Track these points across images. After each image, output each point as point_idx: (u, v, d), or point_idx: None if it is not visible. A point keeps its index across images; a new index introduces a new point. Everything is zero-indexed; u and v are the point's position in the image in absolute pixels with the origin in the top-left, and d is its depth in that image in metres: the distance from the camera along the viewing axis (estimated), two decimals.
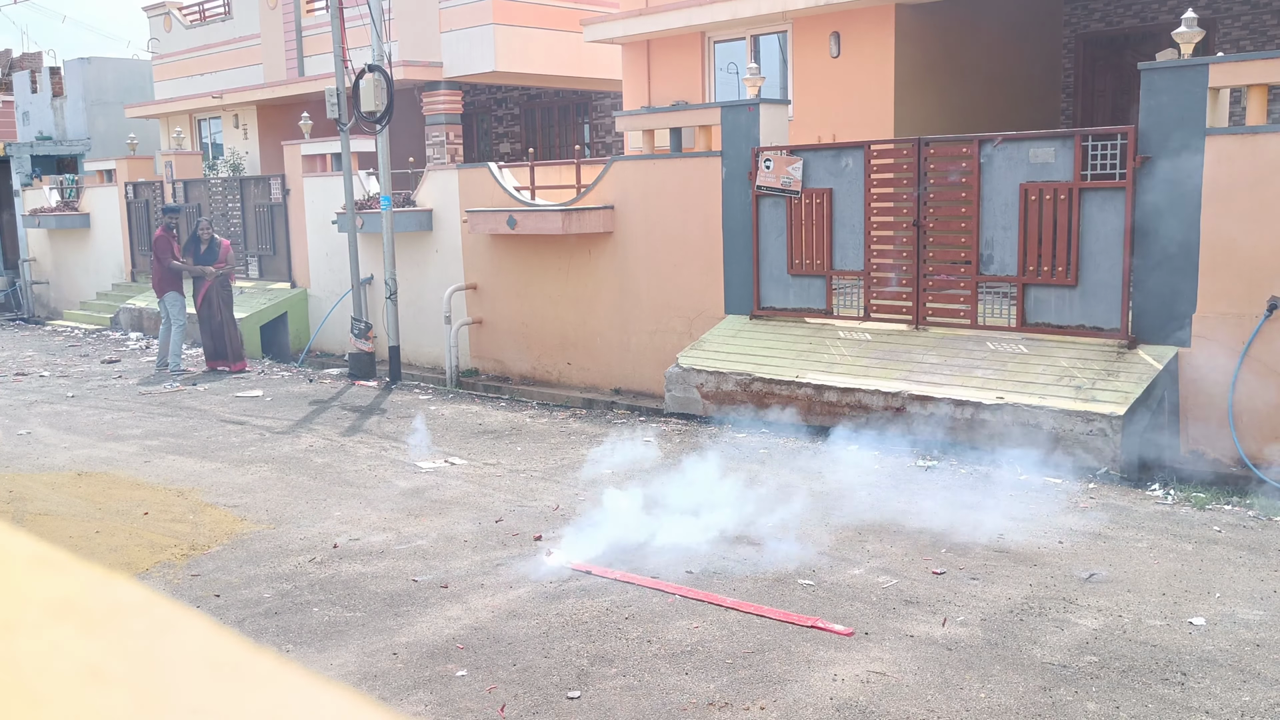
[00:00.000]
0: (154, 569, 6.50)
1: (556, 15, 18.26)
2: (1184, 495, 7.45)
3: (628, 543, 6.53)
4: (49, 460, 9.28)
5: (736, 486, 7.56)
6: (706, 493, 7.47)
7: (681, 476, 8.11)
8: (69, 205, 22.17)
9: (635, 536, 6.61)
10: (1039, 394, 8.45)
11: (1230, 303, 8.37)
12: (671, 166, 11.95)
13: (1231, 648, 4.99)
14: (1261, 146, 8.23)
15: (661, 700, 4.61)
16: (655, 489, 7.76)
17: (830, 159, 10.55)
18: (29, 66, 31.23)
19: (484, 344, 14.34)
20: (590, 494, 7.85)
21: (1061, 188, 9.04)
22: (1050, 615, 5.41)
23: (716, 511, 7.08)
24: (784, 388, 9.83)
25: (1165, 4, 14.51)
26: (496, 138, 22.14)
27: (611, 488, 7.96)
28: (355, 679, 4.93)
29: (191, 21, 23.83)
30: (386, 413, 11.31)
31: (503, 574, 6.23)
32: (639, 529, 6.73)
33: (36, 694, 0.50)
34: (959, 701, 4.52)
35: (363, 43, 15.18)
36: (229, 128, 22.74)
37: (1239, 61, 8.64)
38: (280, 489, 8.27)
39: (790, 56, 14.11)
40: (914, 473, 8.20)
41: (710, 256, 11.61)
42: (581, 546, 6.56)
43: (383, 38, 12.95)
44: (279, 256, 17.59)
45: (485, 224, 13.43)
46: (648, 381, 12.25)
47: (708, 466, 8.19)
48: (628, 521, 6.82)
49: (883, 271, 10.26)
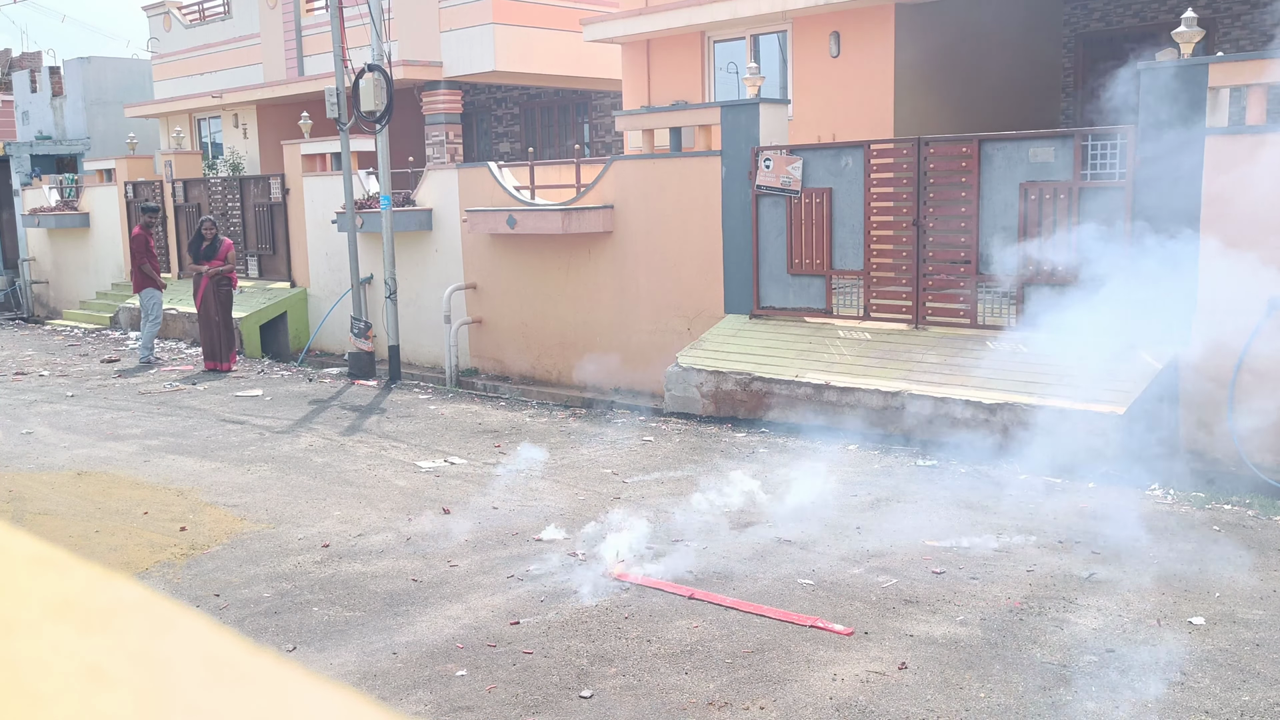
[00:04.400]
0: (154, 568, 6.50)
1: (556, 15, 18.26)
2: (1184, 495, 7.45)
3: (627, 543, 6.52)
4: (48, 460, 9.28)
5: (737, 486, 7.56)
6: (706, 492, 7.47)
7: (682, 476, 8.11)
8: (68, 205, 22.17)
9: (636, 536, 6.60)
10: (1039, 393, 8.44)
11: (1230, 302, 8.37)
12: (671, 166, 11.95)
13: (1231, 647, 4.99)
14: (1261, 146, 8.22)
15: (661, 700, 4.61)
16: (655, 488, 7.76)
17: (830, 158, 10.55)
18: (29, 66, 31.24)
19: (483, 343, 14.34)
20: (590, 494, 7.84)
21: (1061, 187, 9.04)
22: (1050, 615, 5.41)
23: (717, 511, 7.07)
24: (784, 387, 9.83)
25: (1165, 4, 14.51)
26: (496, 137, 22.14)
27: (611, 488, 7.96)
28: (355, 679, 4.93)
29: (191, 21, 23.82)
30: (386, 412, 11.31)
31: (502, 573, 6.23)
32: (639, 528, 6.72)
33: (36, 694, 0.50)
34: (959, 701, 4.52)
35: (362, 42, 15.17)
36: (229, 127, 22.74)
37: (1239, 61, 8.63)
38: (280, 488, 8.27)
39: (790, 56, 14.11)
40: (914, 472, 8.19)
41: (710, 256, 11.61)
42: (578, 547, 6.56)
43: (382, 37, 12.95)
44: (278, 256, 17.59)
45: (485, 223, 13.42)
46: (648, 381, 12.25)
47: (707, 466, 8.19)
48: (627, 521, 6.82)
49: (882, 271, 10.26)
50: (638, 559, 6.31)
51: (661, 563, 6.24)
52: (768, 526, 6.86)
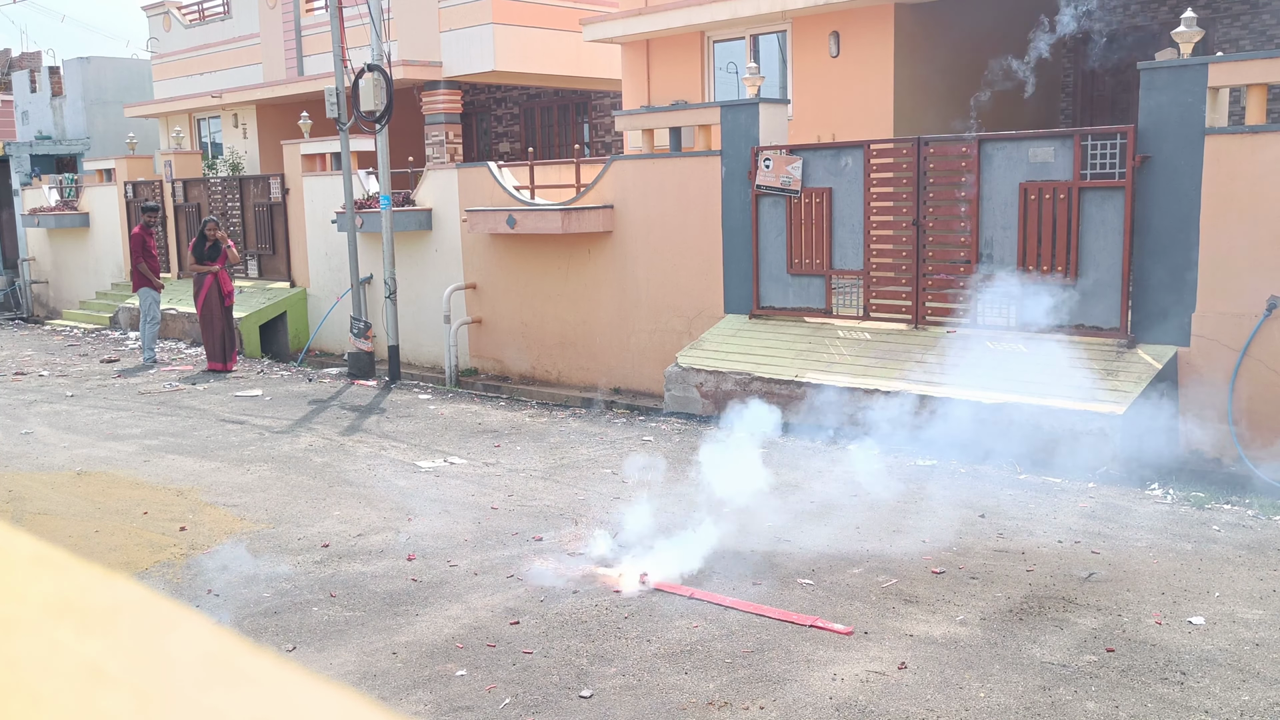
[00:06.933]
0: (153, 568, 6.50)
1: (556, 15, 18.25)
2: (1184, 495, 7.45)
3: (628, 542, 6.52)
4: (48, 459, 9.27)
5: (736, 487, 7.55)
6: (705, 493, 7.46)
7: (681, 476, 8.11)
8: (68, 205, 22.16)
9: (636, 536, 6.60)
10: (1039, 393, 8.44)
11: (1230, 302, 8.37)
12: (671, 166, 11.94)
13: (1231, 647, 4.99)
14: (1261, 146, 8.22)
15: (661, 700, 4.61)
16: (655, 489, 7.76)
17: (830, 158, 10.55)
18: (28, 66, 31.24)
19: (483, 343, 14.34)
20: (590, 494, 7.84)
21: (1061, 187, 9.04)
22: (1050, 615, 5.41)
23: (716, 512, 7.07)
24: (783, 387, 9.83)
25: (1165, 4, 14.51)
26: (496, 137, 22.14)
27: (611, 488, 7.96)
28: (355, 678, 4.93)
29: (191, 21, 23.82)
30: (386, 412, 11.31)
31: (502, 573, 6.23)
32: (639, 528, 6.72)
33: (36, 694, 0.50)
34: (959, 701, 4.52)
35: (362, 42, 15.17)
36: (228, 127, 22.74)
37: (1239, 61, 8.63)
38: (280, 488, 8.26)
39: (790, 56, 14.11)
40: (914, 471, 8.19)
41: (710, 256, 11.60)
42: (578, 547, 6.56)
43: (382, 37, 12.95)
44: (278, 256, 17.59)
45: (485, 223, 13.42)
46: (647, 381, 12.25)
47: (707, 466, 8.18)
48: (627, 521, 6.82)
49: (882, 271, 10.26)
50: (638, 559, 6.30)
51: (661, 563, 6.23)
52: (768, 526, 6.85)
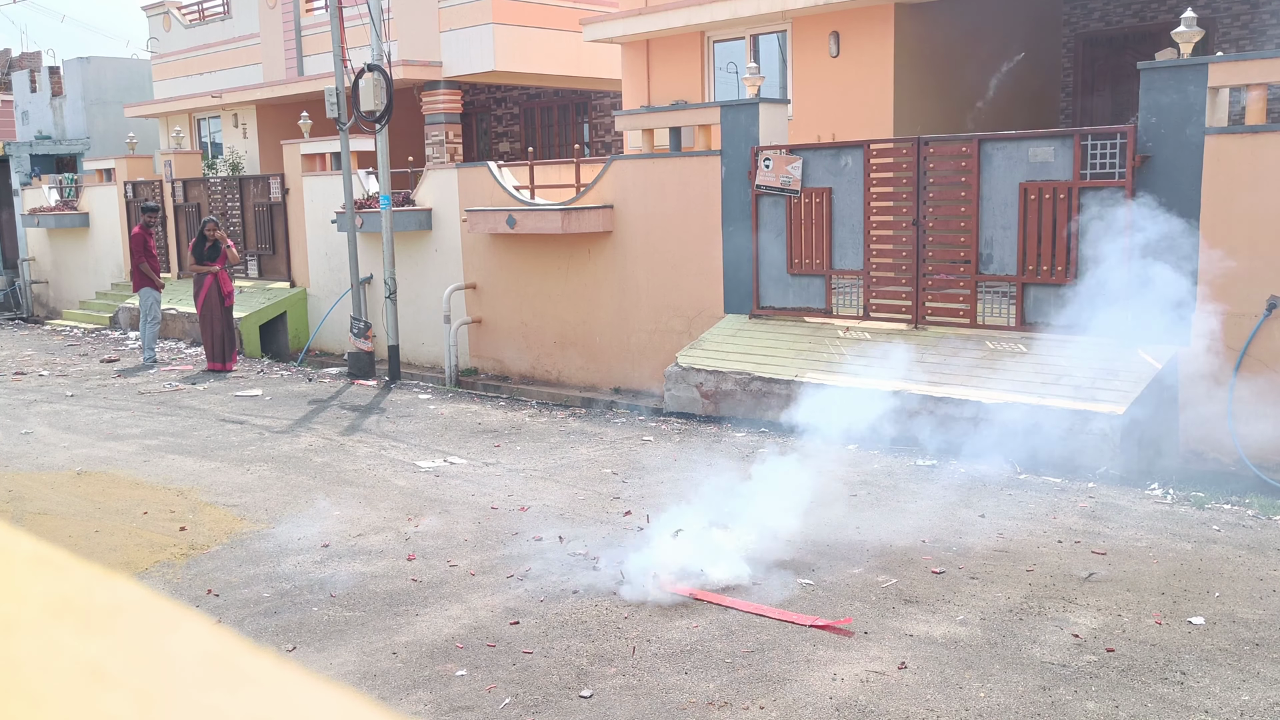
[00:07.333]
0: (153, 568, 6.50)
1: (556, 15, 18.25)
2: (1183, 495, 7.45)
3: (628, 542, 6.52)
4: (48, 459, 9.27)
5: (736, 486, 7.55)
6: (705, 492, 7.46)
7: (681, 476, 8.11)
8: (68, 204, 22.16)
9: (635, 536, 6.60)
10: (1038, 393, 8.44)
11: (1230, 302, 8.37)
12: (671, 166, 11.94)
13: (1231, 647, 4.99)
14: (1261, 146, 8.22)
15: (661, 700, 4.61)
16: (655, 489, 7.75)
17: (829, 158, 10.55)
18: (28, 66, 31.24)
19: (483, 343, 14.33)
20: (590, 493, 7.84)
21: (1061, 187, 9.04)
22: (1050, 615, 5.41)
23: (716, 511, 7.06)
24: (783, 387, 9.83)
25: (1165, 4, 14.51)
26: (496, 137, 22.14)
27: (611, 488, 7.96)
28: (355, 678, 4.92)
29: (191, 21, 23.82)
30: (386, 412, 11.30)
31: (502, 573, 6.23)
32: (639, 528, 6.72)
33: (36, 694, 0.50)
34: (959, 701, 4.52)
35: (362, 42, 15.17)
36: (228, 127, 22.73)
37: (1239, 61, 8.63)
38: (280, 488, 8.26)
39: (790, 56, 14.10)
40: (913, 471, 8.19)
41: (710, 256, 11.60)
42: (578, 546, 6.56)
43: (382, 37, 12.94)
44: (278, 256, 17.59)
45: (485, 223, 13.42)
46: (647, 381, 12.25)
47: (707, 466, 8.18)
48: (626, 521, 6.82)
49: (882, 271, 10.25)
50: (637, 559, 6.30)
51: (661, 562, 6.23)
52: (767, 526, 6.85)
